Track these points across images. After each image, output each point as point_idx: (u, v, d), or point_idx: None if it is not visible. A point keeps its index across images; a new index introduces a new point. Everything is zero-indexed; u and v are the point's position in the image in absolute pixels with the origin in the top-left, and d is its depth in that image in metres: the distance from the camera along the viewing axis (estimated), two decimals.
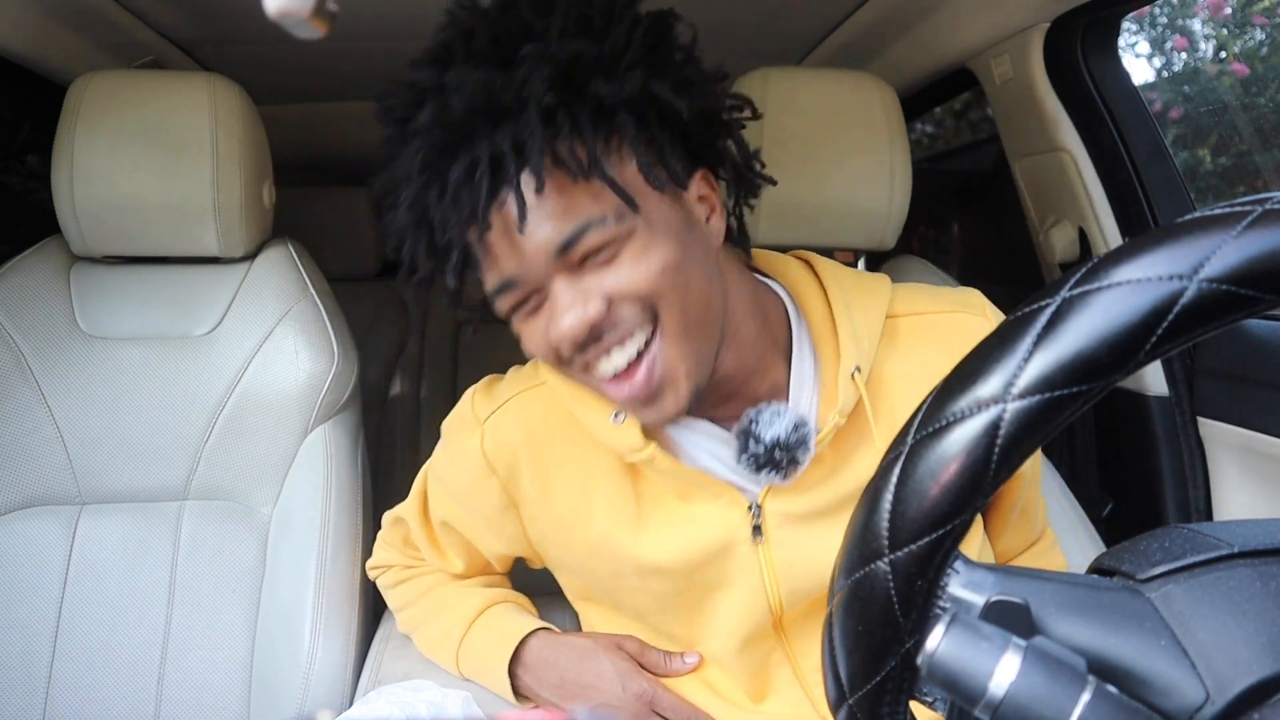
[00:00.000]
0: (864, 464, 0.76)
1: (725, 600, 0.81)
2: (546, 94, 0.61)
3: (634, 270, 0.65)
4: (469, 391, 0.87)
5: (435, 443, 0.91)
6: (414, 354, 2.23)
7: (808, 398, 0.77)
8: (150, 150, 1.11)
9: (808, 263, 0.84)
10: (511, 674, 0.88)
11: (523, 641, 0.88)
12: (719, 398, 0.76)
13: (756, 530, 0.78)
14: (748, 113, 0.75)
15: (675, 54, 0.67)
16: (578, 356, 0.68)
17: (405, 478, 0.96)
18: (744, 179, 0.75)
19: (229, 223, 1.15)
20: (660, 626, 0.87)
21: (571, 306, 0.65)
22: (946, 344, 0.78)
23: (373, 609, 1.17)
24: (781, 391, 0.78)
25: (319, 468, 1.15)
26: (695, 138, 0.70)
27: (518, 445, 0.82)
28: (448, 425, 0.88)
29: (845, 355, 0.75)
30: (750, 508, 0.78)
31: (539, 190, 0.62)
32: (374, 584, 1.11)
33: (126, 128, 1.11)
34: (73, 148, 1.10)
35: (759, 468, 0.73)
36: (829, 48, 1.55)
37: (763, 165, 0.76)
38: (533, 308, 0.69)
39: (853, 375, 0.74)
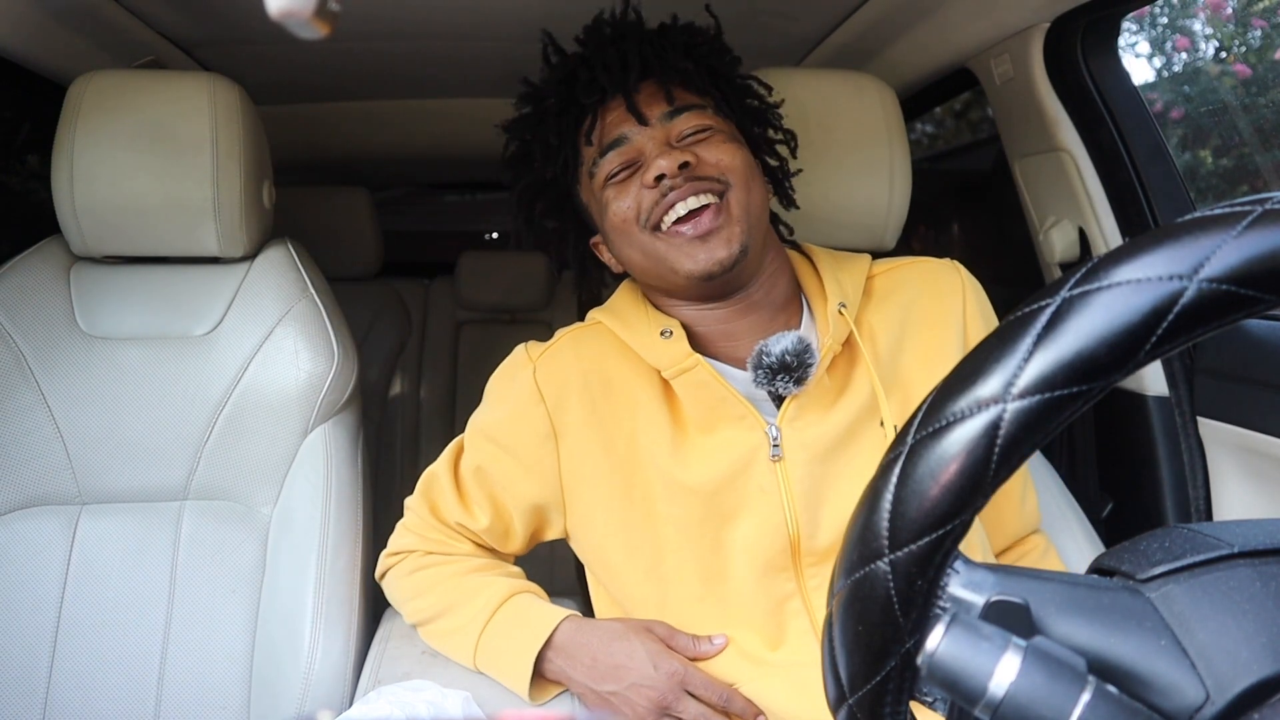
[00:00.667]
0: (862, 387, 0.89)
1: (744, 526, 0.87)
2: (684, 38, 0.91)
3: (718, 152, 0.86)
4: (518, 346, 0.98)
5: (436, 443, 0.91)
6: (414, 354, 2.23)
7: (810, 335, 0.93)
8: (150, 150, 1.11)
9: (800, 251, 1.01)
10: (542, 657, 0.89)
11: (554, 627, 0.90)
12: (744, 327, 0.90)
13: (775, 455, 0.87)
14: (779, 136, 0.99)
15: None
16: (659, 204, 0.84)
17: (405, 478, 0.96)
18: (776, 179, 0.99)
19: (229, 223, 1.15)
20: (673, 578, 0.88)
21: (667, 154, 0.84)
22: (915, 285, 0.94)
23: (373, 609, 1.16)
24: None
25: (319, 468, 1.15)
26: (752, 130, 0.95)
27: (570, 373, 0.92)
28: (496, 375, 0.98)
29: (831, 297, 0.90)
30: (769, 429, 0.87)
31: (663, 82, 0.88)
32: (374, 584, 1.11)
33: (126, 128, 1.11)
34: (73, 148, 1.10)
35: (774, 374, 0.85)
36: (829, 48, 1.55)
37: (792, 179, 1.00)
38: (628, 175, 0.87)
39: (840, 310, 0.88)
